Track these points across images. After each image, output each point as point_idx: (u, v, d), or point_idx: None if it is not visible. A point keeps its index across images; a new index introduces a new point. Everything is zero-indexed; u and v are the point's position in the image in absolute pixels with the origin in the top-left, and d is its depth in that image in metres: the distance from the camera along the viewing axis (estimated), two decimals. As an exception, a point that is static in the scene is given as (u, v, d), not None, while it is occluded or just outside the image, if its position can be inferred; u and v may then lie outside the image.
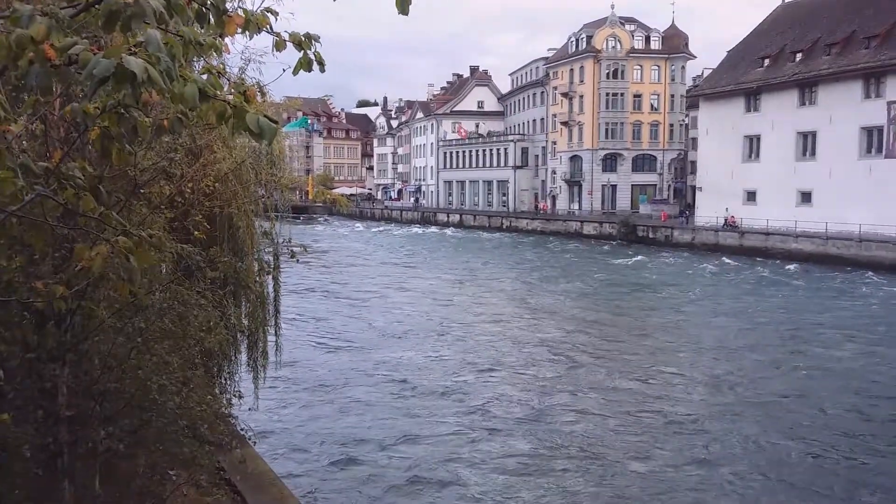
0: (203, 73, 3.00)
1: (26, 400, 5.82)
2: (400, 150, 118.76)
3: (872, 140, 44.87)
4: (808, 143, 49.21)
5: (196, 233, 7.80)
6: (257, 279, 9.91)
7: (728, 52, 60.01)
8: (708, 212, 54.75)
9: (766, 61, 53.29)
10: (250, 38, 3.10)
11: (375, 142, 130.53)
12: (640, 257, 47.35)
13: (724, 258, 45.48)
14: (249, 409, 10.44)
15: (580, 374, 19.00)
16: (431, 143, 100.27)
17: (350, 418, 15.34)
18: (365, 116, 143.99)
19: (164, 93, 2.29)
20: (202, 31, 2.94)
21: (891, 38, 44.72)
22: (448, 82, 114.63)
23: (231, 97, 2.60)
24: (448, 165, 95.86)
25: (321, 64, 3.13)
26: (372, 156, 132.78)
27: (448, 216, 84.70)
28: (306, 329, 24.05)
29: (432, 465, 12.74)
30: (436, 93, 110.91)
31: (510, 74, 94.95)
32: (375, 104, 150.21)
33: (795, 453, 13.47)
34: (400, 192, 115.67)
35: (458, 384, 17.78)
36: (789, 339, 23.28)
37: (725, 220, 51.23)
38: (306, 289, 33.06)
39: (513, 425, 14.99)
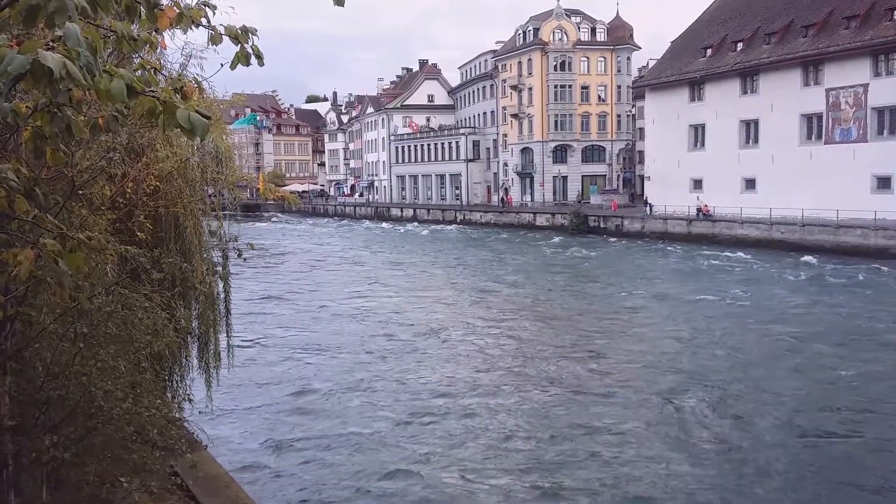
0: (138, 69, 2.93)
1: (-34, 411, 5.63)
2: (351, 146, 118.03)
3: (812, 127, 46.15)
4: (750, 131, 50.38)
5: (140, 234, 7.63)
6: (206, 279, 9.73)
7: (672, 42, 61.05)
8: (656, 200, 55.66)
9: (709, 51, 54.36)
10: (185, 33, 3.04)
11: (326, 137, 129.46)
12: (605, 249, 47.90)
13: (703, 248, 45.99)
14: (201, 413, 10.27)
15: (551, 372, 19.13)
16: (383, 138, 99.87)
17: (306, 419, 15.21)
18: (315, 112, 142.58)
19: (86, 89, 2.21)
20: (136, 25, 2.86)
21: (828, 27, 46.00)
22: (397, 76, 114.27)
23: (163, 92, 2.53)
24: (400, 160, 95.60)
25: (259, 57, 3.08)
26: (323, 152, 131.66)
27: (402, 211, 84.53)
28: (261, 332, 23.68)
29: (392, 467, 12.70)
30: (385, 87, 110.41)
31: (459, 68, 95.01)
32: (325, 99, 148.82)
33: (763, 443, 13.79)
34: (352, 187, 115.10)
35: (421, 386, 17.59)
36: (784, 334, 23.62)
37: (699, 208, 50.68)
38: (259, 291, 32.62)
39: (470, 420, 15.04)
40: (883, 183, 41.99)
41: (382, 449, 13.32)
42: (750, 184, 49.80)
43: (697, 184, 53.61)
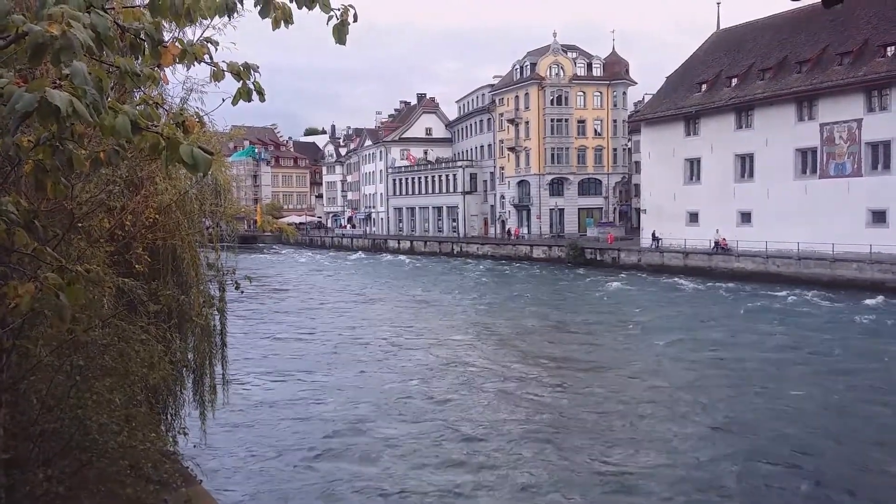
0: (140, 104, 2.97)
1: (-41, 444, 5.58)
2: (349, 178, 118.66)
3: (807, 161, 46.49)
4: (746, 165, 50.73)
5: (138, 266, 7.64)
6: (202, 312, 9.71)
7: (667, 77, 61.71)
8: (651, 233, 55.86)
9: (704, 86, 54.95)
10: (188, 69, 3.10)
11: (324, 170, 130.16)
12: (621, 285, 47.85)
13: (716, 283, 45.91)
14: (196, 446, 10.18)
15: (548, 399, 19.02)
16: (381, 171, 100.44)
17: (301, 455, 15.05)
18: (313, 144, 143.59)
19: (91, 126, 2.23)
20: (139, 61, 2.91)
21: (821, 63, 46.58)
22: (396, 109, 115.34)
23: (166, 128, 2.56)
24: (398, 192, 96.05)
25: (260, 93, 3.14)
26: (321, 184, 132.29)
27: (399, 243, 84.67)
28: (257, 365, 23.46)
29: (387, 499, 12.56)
30: (384, 120, 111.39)
31: (457, 101, 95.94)
32: (323, 132, 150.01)
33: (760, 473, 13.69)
34: (350, 219, 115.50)
35: (419, 417, 17.45)
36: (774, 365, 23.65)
37: (716, 242, 49.59)
38: (256, 324, 32.48)
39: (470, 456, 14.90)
40: (878, 217, 42.21)
41: (386, 489, 13.11)
42: (745, 217, 50.02)
43: (693, 217, 53.85)
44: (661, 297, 39.50)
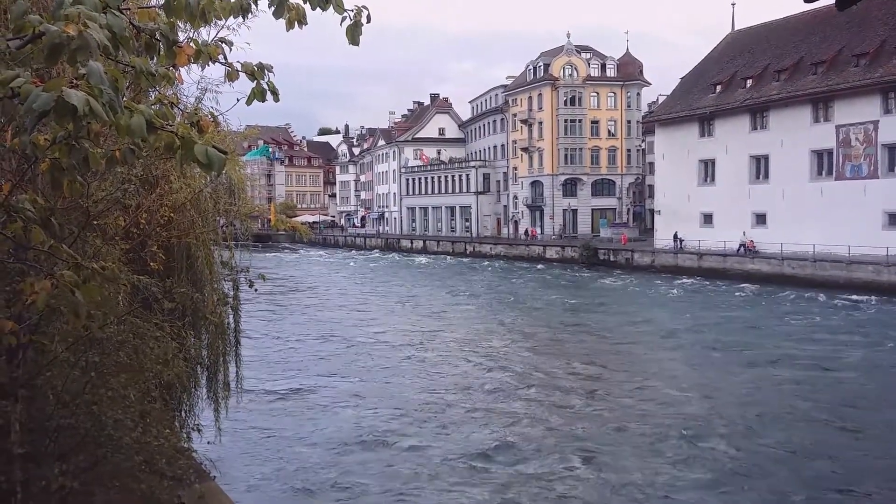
0: (155, 104, 3.00)
1: (-24, 438, 5.66)
2: (362, 178, 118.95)
3: (823, 163, 46.13)
4: (760, 167, 50.40)
5: (153, 264, 7.70)
6: (216, 309, 9.77)
7: (681, 78, 61.40)
8: (666, 234, 55.62)
9: (719, 87, 54.63)
10: (203, 69, 3.13)
11: (338, 169, 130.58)
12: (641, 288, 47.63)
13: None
14: (210, 443, 10.24)
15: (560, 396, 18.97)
16: (394, 170, 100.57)
17: (314, 453, 15.10)
18: (327, 144, 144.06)
19: (107, 125, 2.27)
20: (154, 61, 2.94)
21: (837, 64, 46.20)
22: (409, 110, 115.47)
23: (180, 128, 2.59)
24: (411, 192, 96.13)
25: (274, 93, 3.17)
26: (334, 183, 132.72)
27: (412, 242, 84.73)
28: (271, 364, 23.45)
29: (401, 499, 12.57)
30: (397, 120, 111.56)
31: (470, 102, 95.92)
32: (337, 132, 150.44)
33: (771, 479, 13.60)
34: (363, 218, 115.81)
35: (433, 418, 17.35)
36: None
37: (743, 244, 48.55)
38: (271, 323, 32.56)
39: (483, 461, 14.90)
40: (894, 219, 41.81)
41: (402, 491, 13.08)
42: (760, 219, 49.70)
43: (707, 218, 53.56)
44: (688, 301, 39.22)
